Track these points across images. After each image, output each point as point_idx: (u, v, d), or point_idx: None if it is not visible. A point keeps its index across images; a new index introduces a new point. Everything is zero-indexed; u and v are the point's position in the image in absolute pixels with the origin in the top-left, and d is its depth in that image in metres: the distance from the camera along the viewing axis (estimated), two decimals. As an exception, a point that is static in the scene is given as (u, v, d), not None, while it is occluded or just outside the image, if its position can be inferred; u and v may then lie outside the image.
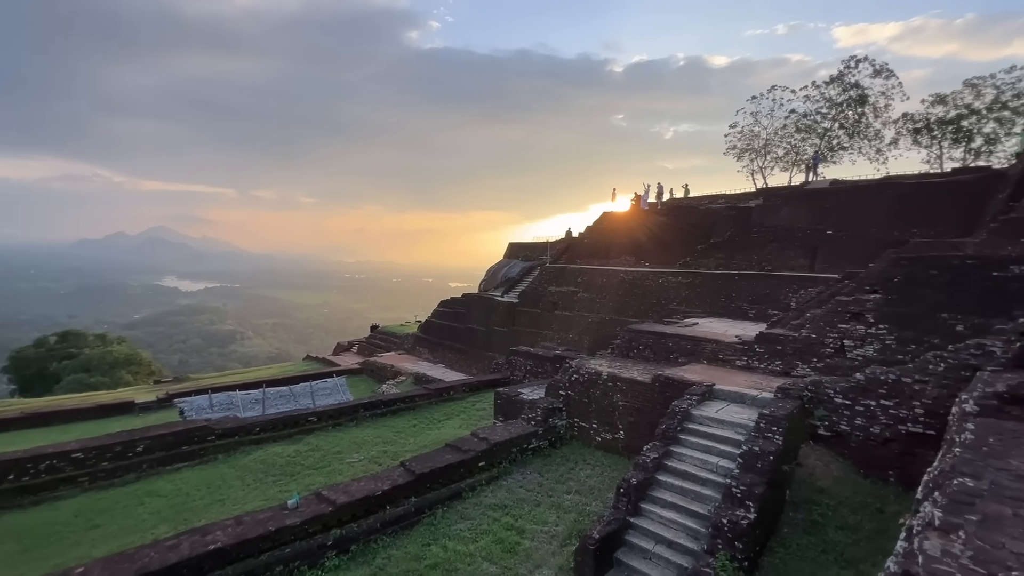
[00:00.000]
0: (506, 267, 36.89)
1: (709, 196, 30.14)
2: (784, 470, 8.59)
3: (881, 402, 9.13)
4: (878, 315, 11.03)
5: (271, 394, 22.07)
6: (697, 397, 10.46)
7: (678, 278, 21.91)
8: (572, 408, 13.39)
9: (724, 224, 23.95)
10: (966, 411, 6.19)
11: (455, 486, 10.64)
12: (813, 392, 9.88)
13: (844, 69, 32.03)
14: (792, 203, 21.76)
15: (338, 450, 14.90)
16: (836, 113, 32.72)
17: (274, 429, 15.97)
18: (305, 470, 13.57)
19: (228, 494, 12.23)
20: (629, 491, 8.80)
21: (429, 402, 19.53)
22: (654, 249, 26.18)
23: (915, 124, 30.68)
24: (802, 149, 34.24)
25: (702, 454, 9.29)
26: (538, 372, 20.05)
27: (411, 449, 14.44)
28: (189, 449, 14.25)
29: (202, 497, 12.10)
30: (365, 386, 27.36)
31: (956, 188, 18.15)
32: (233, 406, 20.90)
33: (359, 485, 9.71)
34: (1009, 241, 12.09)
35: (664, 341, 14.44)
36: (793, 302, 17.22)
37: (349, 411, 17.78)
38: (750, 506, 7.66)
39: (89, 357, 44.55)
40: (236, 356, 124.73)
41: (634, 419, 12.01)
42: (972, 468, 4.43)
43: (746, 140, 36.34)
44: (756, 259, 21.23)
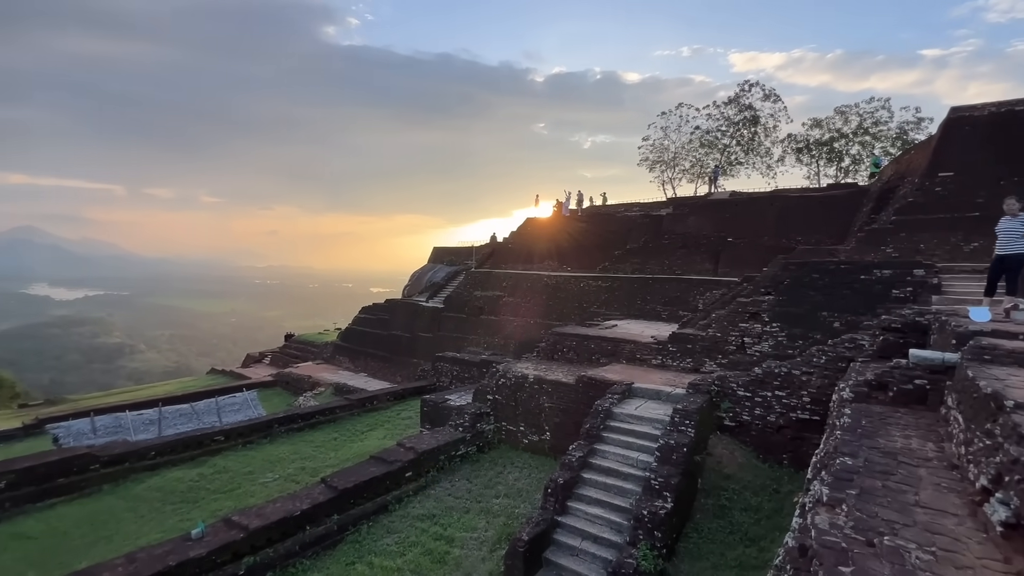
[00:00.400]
0: (431, 272, 36.38)
1: (625, 204, 31.83)
2: (696, 460, 9.26)
3: (776, 393, 10.16)
4: (772, 314, 12.27)
5: (169, 413, 19.93)
6: (618, 396, 10.98)
7: (598, 282, 22.89)
8: (499, 412, 13.47)
9: (639, 231, 25.41)
10: (843, 398, 7.05)
11: (381, 499, 10.29)
12: (719, 386, 10.76)
13: (740, 92, 35.42)
14: (697, 212, 23.62)
15: (249, 470, 13.82)
16: (734, 131, 36.05)
17: (173, 452, 14.47)
18: (211, 495, 12.43)
19: (117, 529, 10.88)
20: (556, 491, 9.02)
21: (351, 413, 18.71)
22: (575, 254, 27.14)
23: (797, 144, 34.64)
24: (705, 163, 37.29)
25: (624, 450, 9.75)
26: (464, 377, 19.97)
27: (332, 464, 13.74)
28: (67, 481, 12.48)
29: (83, 536, 10.66)
30: (280, 399, 25.62)
31: (830, 202, 20.73)
32: (122, 429, 18.61)
33: (275, 507, 9.07)
34: (872, 249, 14.01)
35: (586, 343, 15.00)
36: (700, 304, 18.66)
37: (262, 427, 16.56)
38: (667, 496, 8.16)
39: (-70, 380, 37.49)
40: (125, 372, 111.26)
41: (560, 420, 12.34)
42: (850, 448, 5.06)
43: (657, 153, 38.93)
44: (667, 264, 22.74)
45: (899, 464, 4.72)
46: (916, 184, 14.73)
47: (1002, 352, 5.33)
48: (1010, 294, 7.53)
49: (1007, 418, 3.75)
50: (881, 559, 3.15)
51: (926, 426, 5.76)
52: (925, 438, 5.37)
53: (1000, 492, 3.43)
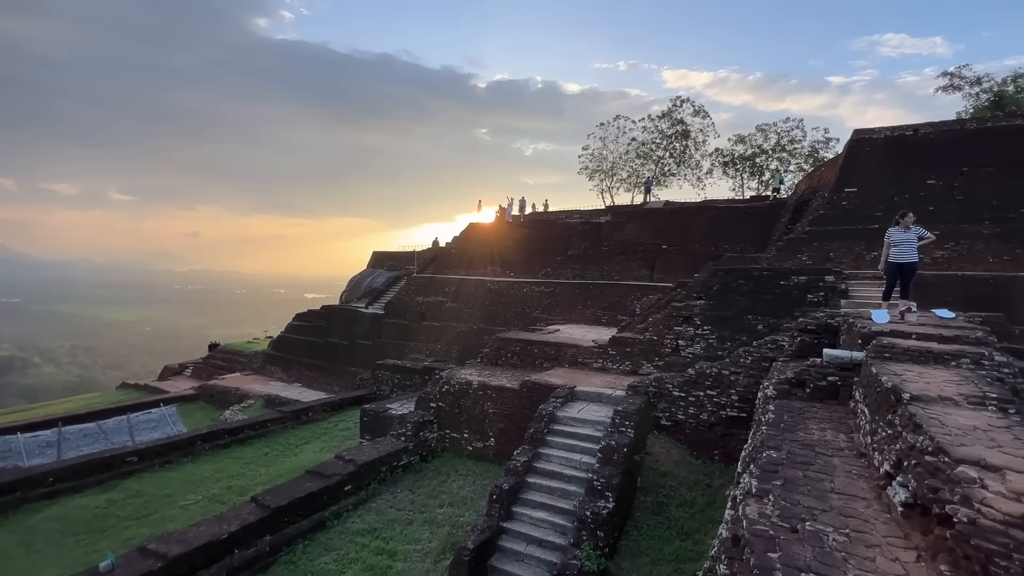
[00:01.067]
0: (370, 277, 35.34)
1: (566, 211, 32.60)
2: (636, 459, 9.60)
3: (707, 392, 10.75)
4: (703, 318, 13.01)
5: (71, 433, 17.92)
6: (561, 399, 11.17)
7: (540, 287, 23.23)
8: (443, 420, 13.29)
9: (579, 237, 26.11)
10: (767, 395, 7.59)
11: (318, 516, 9.81)
12: (656, 387, 11.23)
13: (672, 106, 37.48)
14: (635, 220, 24.63)
15: (168, 492, 12.71)
16: (667, 144, 38.04)
17: (76, 477, 13.02)
18: (122, 522, 11.30)
19: (5, 568, 9.61)
20: (501, 496, 9.01)
21: (284, 426, 17.72)
22: (518, 260, 27.42)
23: (723, 158, 37.11)
24: (641, 173, 39.04)
25: (567, 453, 9.92)
26: (406, 385, 19.53)
27: (263, 481, 12.94)
28: (-59, 517, 10.89)
29: (-37, 578, 9.33)
30: (203, 414, 23.77)
31: (753, 212, 22.34)
32: (13, 453, 16.50)
33: (198, 531, 8.39)
34: (790, 256, 15.22)
35: (530, 348, 15.16)
36: (638, 308, 19.43)
37: (182, 445, 15.29)
38: (609, 496, 8.39)
39: None
40: (15, 389, 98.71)
41: (504, 425, 12.36)
42: (774, 442, 5.44)
43: (596, 162, 40.27)
44: (607, 270, 23.51)
45: (816, 455, 5.13)
46: (826, 198, 16.22)
47: (899, 350, 5.96)
48: (903, 298, 8.45)
49: (904, 409, 4.20)
50: (804, 543, 3.41)
51: (838, 419, 6.31)
52: (838, 430, 5.88)
53: (900, 476, 3.82)
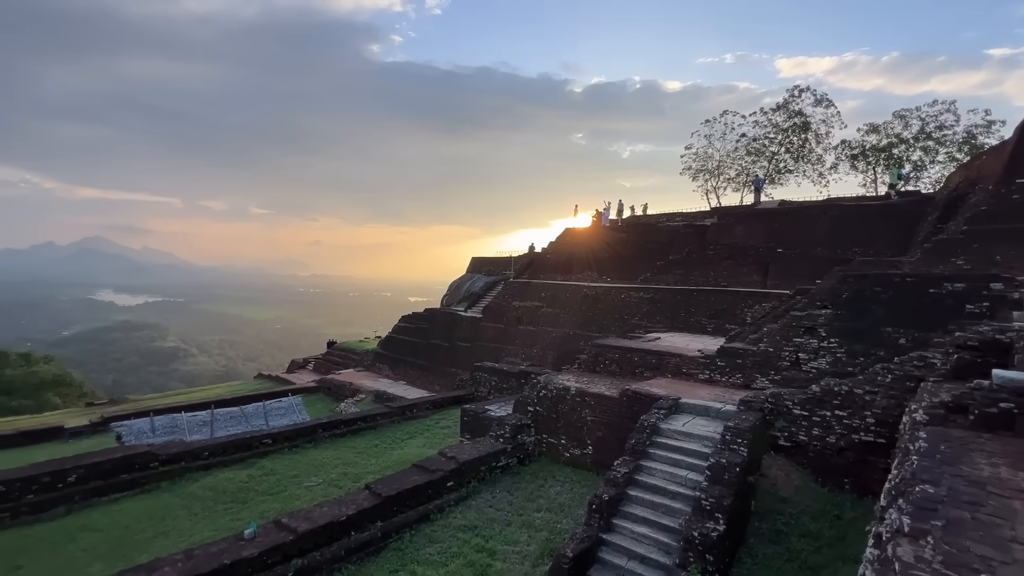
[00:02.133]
0: (469, 281, 36.73)
1: (667, 214, 31.22)
2: (749, 481, 8.83)
3: (835, 412, 9.59)
4: (829, 329, 11.64)
5: (220, 415, 20.83)
6: (664, 411, 10.65)
7: (639, 293, 22.45)
8: (540, 424, 13.32)
9: (682, 241, 24.81)
10: (916, 420, 6.57)
11: (423, 508, 10.32)
12: (773, 404, 10.26)
13: (788, 97, 34.26)
14: (745, 222, 22.85)
15: (295, 474, 14.19)
16: (782, 138, 34.84)
17: (225, 453, 15.05)
18: (259, 496, 12.82)
19: (174, 525, 11.36)
20: (601, 507, 8.79)
21: (391, 421, 18.98)
22: (616, 265, 26.76)
23: (852, 150, 33.07)
24: (752, 171, 36.16)
25: (671, 467, 9.42)
26: (503, 388, 19.93)
27: (373, 471, 13.94)
28: (129, 477, 13.18)
29: (144, 530, 11.18)
30: (322, 405, 26.33)
31: (890, 211, 19.61)
32: (178, 429, 19.57)
33: (321, 511, 9.24)
34: (940, 260, 13.13)
35: (629, 355, 14.68)
36: (749, 317, 17.97)
37: (306, 432, 17.01)
38: (719, 518, 7.80)
39: (11, 378, 40.74)
40: (179, 375, 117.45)
41: (602, 434, 12.07)
42: (930, 475, 4.68)
43: (700, 161, 38.06)
44: (712, 275, 22.05)
45: (989, 495, 4.33)
46: (990, 192, 13.74)
47: (1108, 375, 4.83)
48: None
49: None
50: (982, 600, 2.87)
51: (1015, 453, 5.28)
52: (1016, 467, 4.92)
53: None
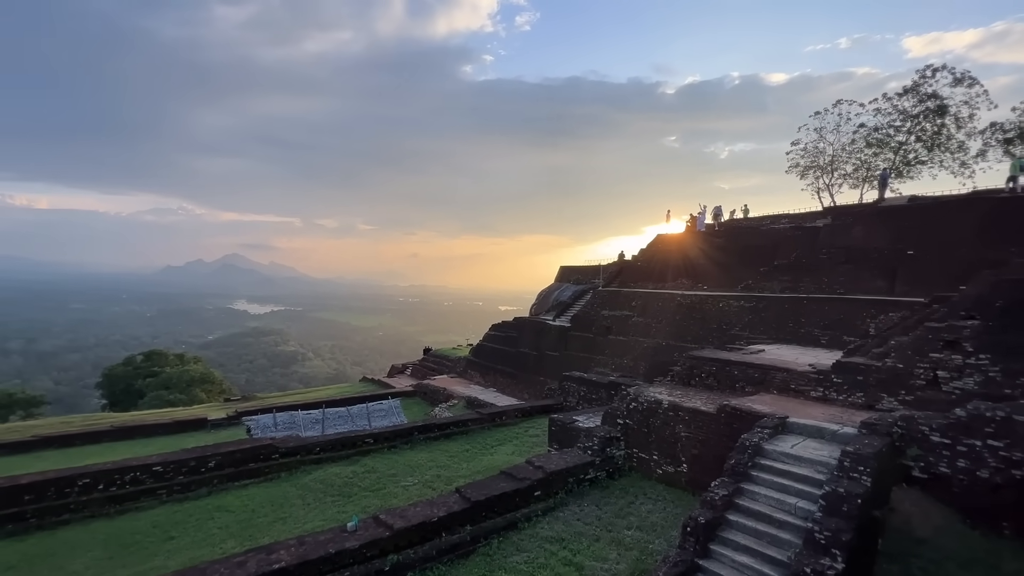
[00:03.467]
0: (557, 291, 36.69)
1: (771, 216, 28.79)
2: (875, 516, 7.75)
3: (988, 442, 8.11)
4: (977, 344, 9.93)
5: (330, 414, 22.76)
6: (769, 430, 9.75)
7: (740, 302, 20.87)
8: (630, 438, 12.86)
9: (788, 245, 22.70)
10: (1103, 457, 5.36)
11: (510, 516, 10.40)
12: (904, 428, 8.95)
13: (920, 79, 30.04)
14: (865, 222, 20.34)
15: (393, 473, 15.04)
16: (912, 126, 30.60)
17: (333, 449, 16.39)
18: (361, 491, 13.76)
19: (290, 512, 12.58)
20: (697, 530, 8.24)
21: (481, 427, 19.44)
22: (712, 272, 25.17)
23: (1006, 133, 28.12)
24: (874, 164, 32.18)
25: (777, 493, 8.58)
26: (592, 399, 19.55)
27: (464, 475, 14.34)
28: (255, 466, 14.86)
29: (266, 514, 12.51)
30: (419, 408, 27.69)
31: (1062, 202, 16.33)
32: (295, 425, 21.71)
33: (415, 510, 9.69)
34: None
35: (728, 369, 13.68)
36: (872, 328, 15.93)
37: (404, 434, 17.99)
38: (836, 555, 6.94)
39: (169, 375, 48.04)
40: (297, 376, 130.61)
41: (698, 452, 11.35)
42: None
43: (810, 157, 34.66)
44: (826, 282, 19.88)
45: None
46: None
47: None
48: None
49: None
50: None
51: None
52: None
53: None
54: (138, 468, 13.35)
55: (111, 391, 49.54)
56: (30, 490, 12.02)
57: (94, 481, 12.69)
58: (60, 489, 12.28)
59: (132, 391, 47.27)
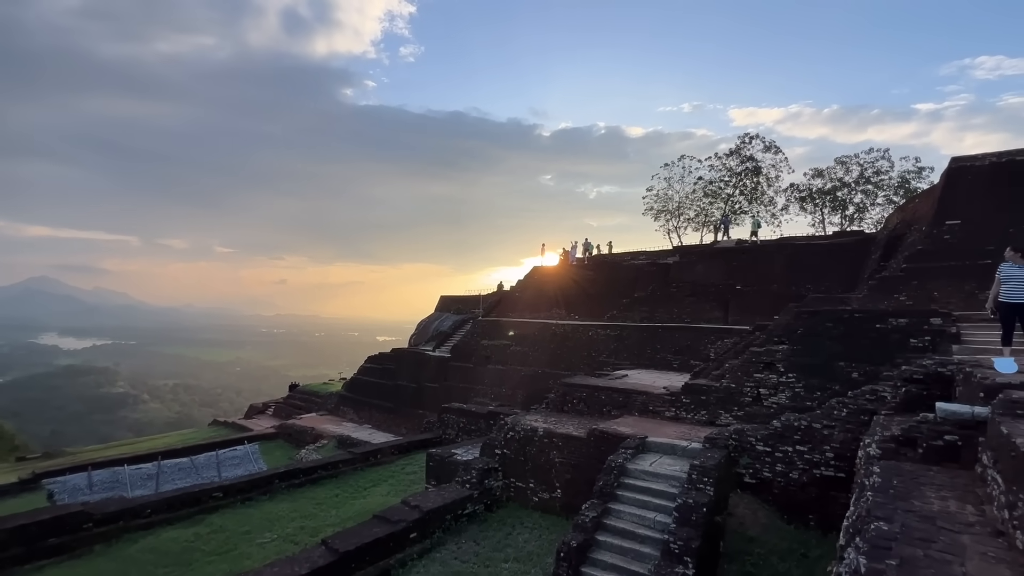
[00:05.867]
0: (437, 320, 36.35)
1: (632, 252, 32.08)
2: (717, 521, 8.76)
3: (797, 448, 9.73)
4: (787, 364, 11.98)
5: (168, 467, 19.41)
6: (631, 450, 10.56)
7: (607, 331, 22.68)
8: (508, 467, 12.98)
9: (646, 279, 25.46)
10: (870, 454, 6.73)
11: (383, 563, 9.73)
12: (737, 440, 10.34)
13: (740, 144, 36.53)
14: (705, 260, 23.71)
15: (247, 529, 13.22)
16: (736, 181, 36.87)
17: (169, 509, 13.93)
18: (205, 556, 11.83)
19: (105, 596, 10.31)
20: (570, 555, 8.51)
21: (354, 468, 18.10)
22: (583, 302, 27.10)
23: (800, 193, 35.26)
24: (710, 212, 37.88)
25: (639, 509, 9.27)
26: (471, 430, 19.44)
27: (334, 523, 13.16)
28: (58, 541, 11.96)
29: (70, 602, 10.09)
30: (281, 452, 24.95)
31: (838, 249, 20.76)
32: (119, 484, 18.08)
33: (271, 571, 8.59)
34: (885, 296, 13.86)
35: (597, 394, 14.65)
36: (712, 352, 18.34)
37: (262, 483, 16.00)
38: (688, 562, 7.66)
39: (-69, 432, 37.10)
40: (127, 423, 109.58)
41: (571, 476, 11.84)
42: (884, 511, 4.74)
43: (661, 202, 39.68)
44: (676, 312, 22.57)
45: (939, 530, 4.41)
46: (924, 232, 14.76)
47: (1036, 407, 5.10)
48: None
49: (1055, 481, 3.53)
50: (936, 644, 2.86)
51: (962, 486, 5.44)
52: (963, 500, 5.05)
53: (1059, 565, 3.16)
54: None
55: None
56: None
57: None
58: None
59: None
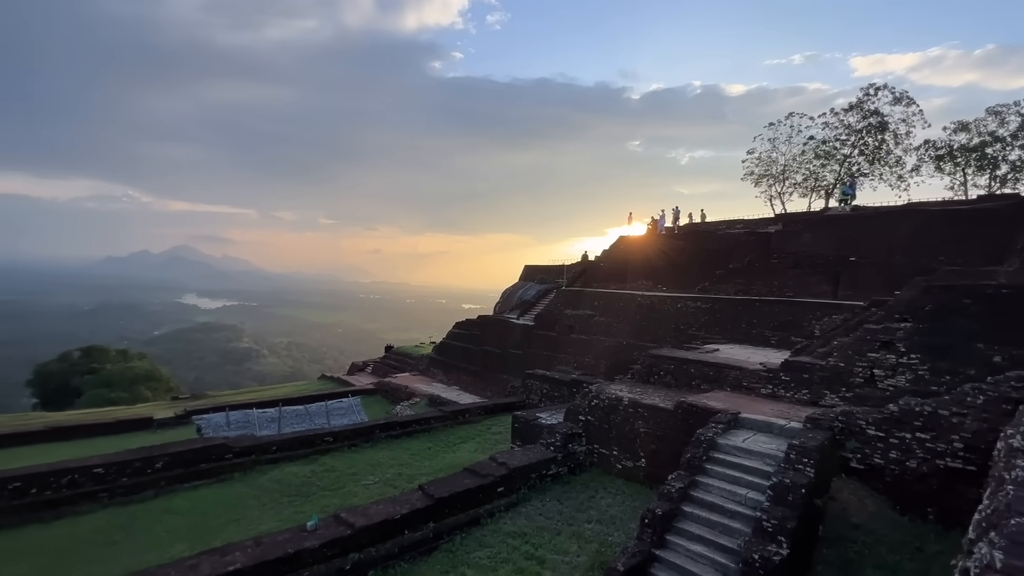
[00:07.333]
0: (521, 289, 36.95)
1: (727, 221, 30.02)
2: (816, 504, 8.28)
3: (917, 435, 8.82)
4: (909, 344, 10.74)
5: (287, 413, 22.08)
6: (723, 425, 10.22)
7: (697, 303, 21.67)
8: (591, 434, 13.16)
9: (743, 249, 23.76)
10: (1013, 447, 5.94)
11: (473, 512, 10.45)
12: (844, 423, 9.59)
13: (863, 97, 32.06)
14: (813, 229, 21.56)
15: (353, 471, 14.78)
16: (856, 140, 32.63)
17: (290, 448, 15.93)
18: (320, 491, 13.46)
19: (244, 514, 12.15)
20: (654, 522, 8.55)
21: (444, 424, 19.36)
22: (672, 274, 26.02)
23: (937, 151, 30.43)
24: (821, 175, 34.08)
25: (730, 485, 9.01)
26: (554, 396, 19.83)
27: (426, 472, 14.27)
28: (207, 467, 14.25)
29: (219, 516, 12.04)
30: (379, 407, 27.27)
31: (983, 216, 17.82)
32: (249, 424, 20.94)
33: (377, 508, 9.59)
34: (1045, 270, 11.79)
35: (686, 367, 14.21)
36: (817, 329, 16.89)
37: (364, 432, 17.69)
38: (782, 541, 7.38)
39: (111, 373, 45.30)
40: (251, 374, 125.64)
41: (656, 447, 11.75)
42: (1028, 507, 4.23)
43: (764, 166, 36.35)
44: (777, 285, 20.94)
45: (1101, 533, 3.86)
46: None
47: None
48: None
49: None
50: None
51: None
52: None
53: None
54: (76, 470, 12.55)
55: (43, 389, 46.21)
56: (-49, 496, 11.12)
57: (26, 484, 11.85)
58: (-13, 494, 11.41)
59: (68, 389, 44.28)
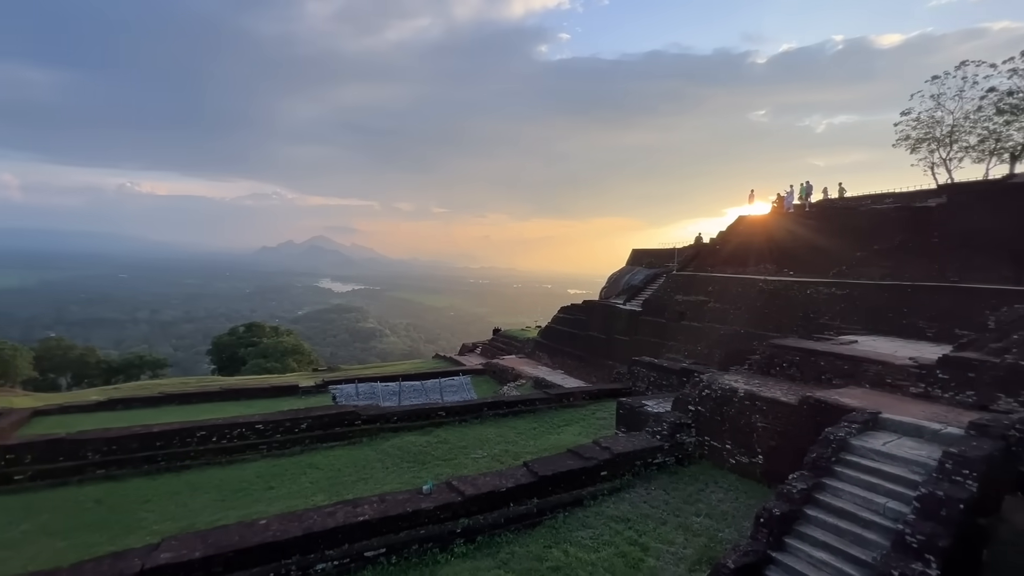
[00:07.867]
0: (628, 274, 35.90)
1: (872, 195, 26.04)
2: (980, 524, 7.06)
3: None
4: None
5: (406, 387, 24.18)
6: (858, 425, 9.09)
7: (831, 289, 19.30)
8: (702, 425, 12.52)
9: (892, 227, 20.52)
10: None
11: (576, 492, 10.59)
12: (1022, 433, 7.98)
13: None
14: (991, 201, 17.89)
15: (463, 444, 15.75)
16: (1058, 87, 26.17)
17: (409, 419, 17.44)
18: (434, 460, 14.58)
19: (371, 474, 13.65)
20: (771, 522, 7.95)
21: (549, 407, 19.72)
22: (800, 256, 23.40)
23: None
24: (1005, 134, 27.95)
25: (864, 491, 8.03)
26: (662, 384, 19.14)
27: (531, 451, 14.72)
28: (340, 430, 16.20)
29: (350, 474, 13.67)
30: (488, 386, 28.56)
31: None
32: (375, 395, 23.32)
33: (485, 480, 10.16)
34: None
35: (814, 359, 12.82)
36: (991, 321, 14.12)
37: (474, 409, 18.70)
38: (930, 560, 6.43)
39: (266, 346, 53.08)
40: (375, 351, 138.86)
41: (776, 443, 10.84)
42: None
43: (924, 128, 30.66)
44: (937, 268, 17.83)
45: None
46: None
47: None
48: None
49: None
50: None
51: None
52: None
53: None
54: (244, 425, 15.08)
55: (219, 357, 55.69)
56: (161, 438, 14.04)
57: (209, 433, 14.53)
58: (183, 439, 14.21)
59: (236, 358, 52.83)
